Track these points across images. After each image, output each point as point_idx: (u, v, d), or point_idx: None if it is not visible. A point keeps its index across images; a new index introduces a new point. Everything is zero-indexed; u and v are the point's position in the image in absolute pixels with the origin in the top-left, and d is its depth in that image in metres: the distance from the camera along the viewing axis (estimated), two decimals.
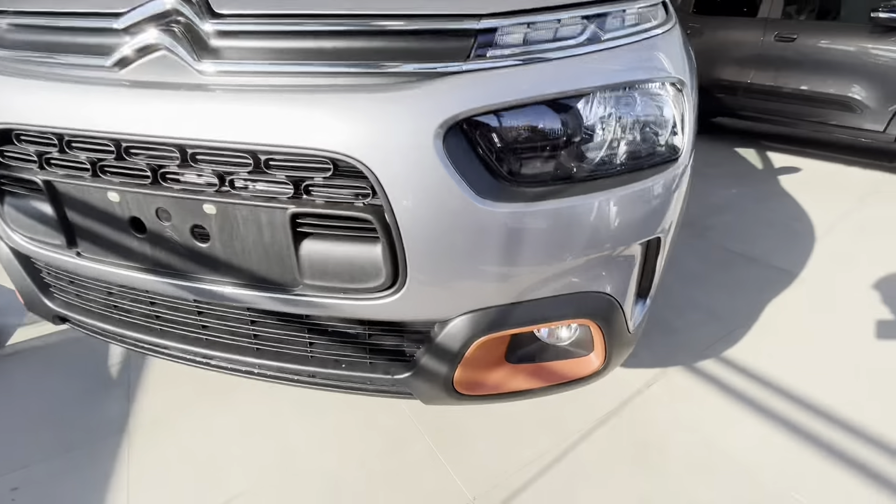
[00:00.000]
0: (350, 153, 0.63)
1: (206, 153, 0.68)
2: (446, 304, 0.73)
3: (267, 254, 0.73)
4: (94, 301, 0.95)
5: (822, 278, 2.01)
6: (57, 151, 0.76)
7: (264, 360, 0.86)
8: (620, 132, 0.74)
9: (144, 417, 1.26)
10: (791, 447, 1.18)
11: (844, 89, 3.72)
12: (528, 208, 0.68)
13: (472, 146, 0.67)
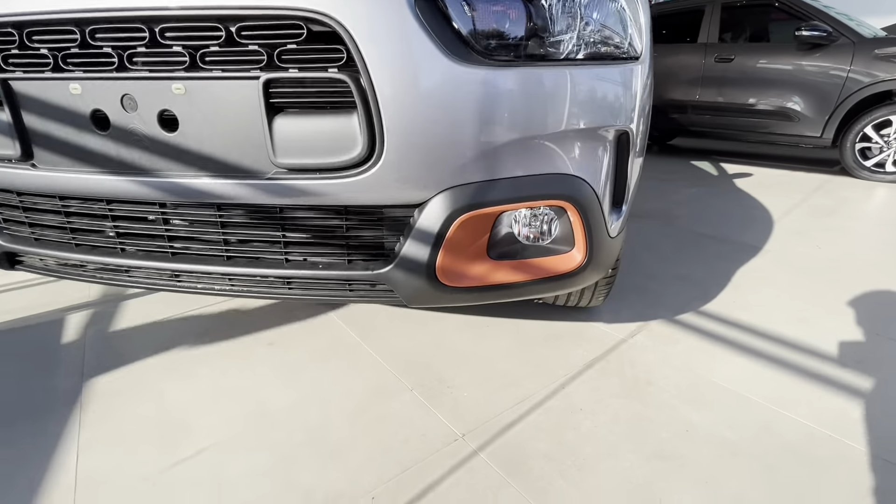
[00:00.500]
0: (327, 11, 0.64)
1: (176, 27, 0.68)
2: (424, 178, 0.72)
3: (239, 134, 0.71)
4: (48, 226, 0.89)
5: (781, 247, 2.11)
6: (16, 47, 0.74)
7: (237, 269, 0.81)
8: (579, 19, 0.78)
9: (99, 391, 1.15)
10: (772, 375, 1.19)
11: (782, 101, 4.06)
12: (500, 71, 0.69)
13: (443, 13, 0.69)
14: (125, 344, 1.36)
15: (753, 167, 4.32)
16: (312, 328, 1.42)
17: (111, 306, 1.59)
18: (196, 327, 1.44)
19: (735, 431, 0.99)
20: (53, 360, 1.29)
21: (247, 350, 1.31)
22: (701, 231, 2.36)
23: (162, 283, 0.86)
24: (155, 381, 1.19)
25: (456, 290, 0.80)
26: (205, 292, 0.86)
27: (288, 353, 1.29)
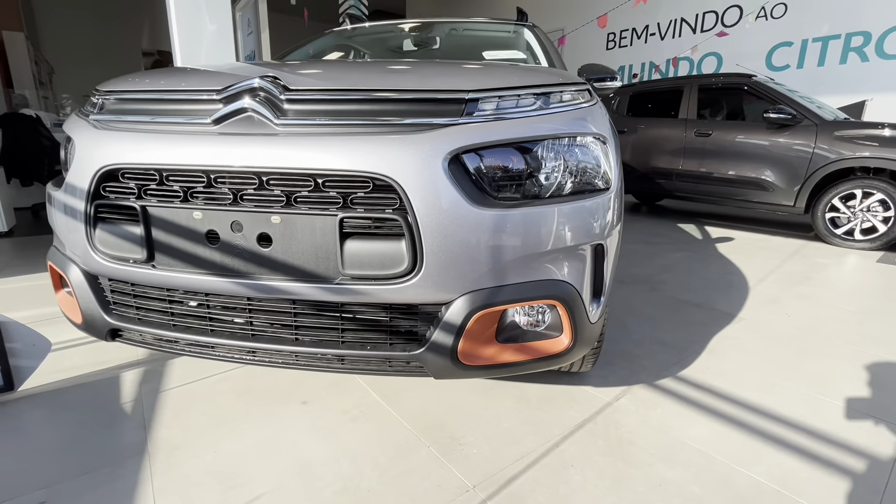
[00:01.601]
0: (387, 174, 0.92)
1: (278, 178, 0.96)
2: (451, 285, 0.98)
3: (317, 252, 0.97)
4: (153, 310, 1.13)
5: (756, 316, 2.35)
6: (156, 184, 1.02)
7: (302, 348, 1.05)
8: (564, 167, 1.07)
9: (163, 443, 1.35)
10: (737, 437, 1.39)
11: (757, 173, 4.46)
12: (506, 211, 0.97)
13: (466, 171, 0.98)
14: (177, 400, 1.57)
15: (735, 230, 4.64)
16: (340, 389, 1.63)
17: (159, 365, 1.80)
18: (236, 387, 1.65)
19: (700, 486, 1.20)
20: (118, 414, 1.49)
21: (284, 408, 1.52)
22: (683, 298, 2.62)
23: (240, 357, 1.10)
24: (208, 434, 1.38)
25: (473, 367, 1.04)
26: (274, 365, 1.09)
27: (321, 411, 1.50)
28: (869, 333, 2.16)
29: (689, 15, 7.17)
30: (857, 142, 3.84)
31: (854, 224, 3.92)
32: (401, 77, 1.10)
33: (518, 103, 1.06)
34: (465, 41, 2.54)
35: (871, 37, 5.64)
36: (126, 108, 1.13)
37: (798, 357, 1.91)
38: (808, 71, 6.14)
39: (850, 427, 1.44)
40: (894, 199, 3.67)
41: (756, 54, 6.54)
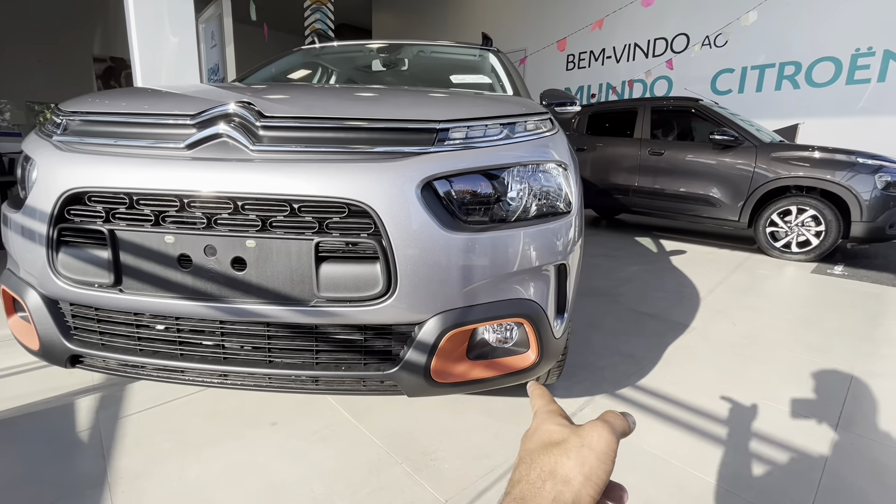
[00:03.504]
0: (362, 199, 0.96)
1: (254, 204, 0.98)
2: (424, 306, 1.02)
3: (292, 275, 0.99)
4: (117, 335, 1.11)
5: (706, 325, 2.52)
6: (125, 208, 1.01)
7: (276, 371, 1.06)
8: (529, 192, 1.14)
9: (124, 472, 1.30)
10: (690, 441, 1.50)
11: (705, 190, 4.76)
12: (476, 235, 1.03)
13: (438, 196, 1.03)
14: (138, 426, 1.51)
15: (687, 244, 4.92)
16: (309, 409, 1.62)
17: (117, 390, 1.73)
18: (201, 410, 1.61)
19: (657, 489, 1.28)
20: (74, 443, 1.42)
21: (252, 430, 1.50)
22: (641, 310, 2.76)
23: (212, 382, 1.09)
24: (173, 461, 1.35)
25: (445, 385, 1.08)
26: (246, 389, 1.09)
27: (291, 432, 1.49)
28: (804, 340, 2.35)
29: (642, 41, 7.63)
30: (792, 162, 4.20)
31: (791, 238, 4.26)
32: (375, 106, 1.15)
33: (486, 132, 1.13)
34: (433, 63, 2.61)
35: (801, 66, 6.19)
36: (93, 130, 1.12)
37: (743, 364, 2.06)
38: (748, 96, 6.65)
39: (789, 428, 1.58)
40: (824, 216, 4.02)
41: (702, 79, 7.02)
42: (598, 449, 0.35)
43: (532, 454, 0.36)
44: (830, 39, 5.93)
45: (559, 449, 0.35)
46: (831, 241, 4.02)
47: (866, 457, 1.44)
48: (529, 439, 0.39)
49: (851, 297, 3.13)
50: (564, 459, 0.34)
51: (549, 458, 0.35)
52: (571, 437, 0.36)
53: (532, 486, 0.33)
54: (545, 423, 0.40)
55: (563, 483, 0.33)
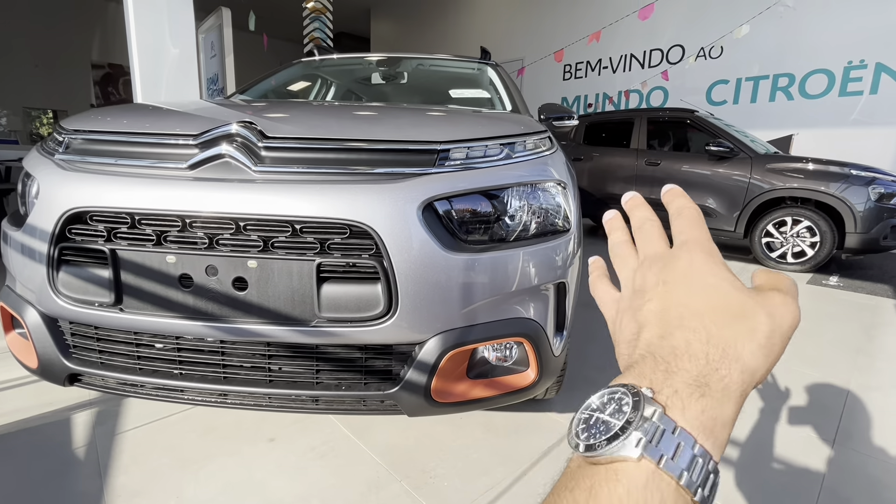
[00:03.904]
0: (363, 221, 0.96)
1: (256, 224, 0.98)
2: (424, 326, 1.03)
3: (294, 295, 1.00)
4: (117, 354, 1.10)
5: None
6: (127, 227, 1.02)
7: (276, 390, 1.05)
8: (529, 211, 1.15)
9: (121, 490, 1.29)
10: None
11: (701, 200, 4.79)
12: (476, 255, 1.04)
13: (438, 217, 1.04)
14: (134, 443, 1.50)
15: None
16: (307, 425, 1.61)
17: (114, 405, 1.72)
18: (198, 426, 1.60)
19: None
20: (70, 460, 1.41)
21: (250, 446, 1.49)
22: None
23: (211, 400, 1.09)
24: (170, 478, 1.34)
25: (445, 404, 1.08)
26: (246, 408, 1.09)
27: (289, 448, 1.48)
28: (801, 353, 2.37)
29: (638, 52, 7.71)
30: (786, 174, 4.24)
31: (786, 248, 4.29)
32: (376, 126, 1.16)
33: (486, 153, 1.14)
34: (432, 77, 2.64)
35: (794, 78, 6.27)
36: (95, 149, 1.12)
37: None
38: (743, 107, 6.72)
39: (786, 444, 1.58)
40: (819, 226, 4.05)
41: (698, 90, 7.10)
42: (786, 331, 0.26)
43: (704, 319, 0.26)
44: (823, 52, 6.01)
45: (745, 325, 0.26)
46: (826, 252, 4.05)
47: (864, 473, 1.45)
48: (689, 291, 0.28)
49: (847, 309, 3.15)
50: (750, 343, 0.25)
51: (730, 333, 0.26)
52: (759, 311, 0.26)
53: (709, 366, 0.24)
54: (714, 270, 0.29)
55: (748, 374, 0.25)
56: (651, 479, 0.21)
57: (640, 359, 0.27)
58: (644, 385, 0.25)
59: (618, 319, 0.32)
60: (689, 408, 0.23)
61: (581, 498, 0.21)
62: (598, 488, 0.21)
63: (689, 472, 0.21)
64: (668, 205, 0.35)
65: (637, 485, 0.21)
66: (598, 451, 0.23)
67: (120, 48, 3.19)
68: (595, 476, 0.22)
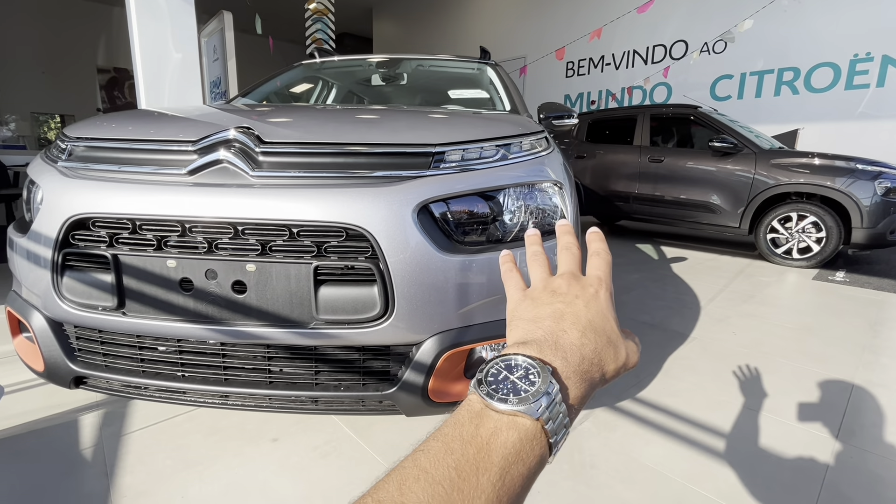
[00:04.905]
0: (359, 224, 0.98)
1: (254, 228, 1.00)
2: (421, 327, 1.04)
3: (292, 298, 1.01)
4: (121, 357, 1.13)
5: (706, 335, 2.52)
6: (128, 233, 1.04)
7: (276, 391, 1.07)
8: (525, 212, 1.16)
9: (127, 490, 1.31)
10: (689, 455, 1.50)
11: (705, 196, 4.77)
12: (472, 257, 1.05)
13: (434, 219, 1.05)
14: (140, 443, 1.53)
15: (688, 250, 4.92)
16: (310, 425, 1.63)
17: (120, 407, 1.75)
18: (203, 426, 1.62)
19: None
20: (77, 461, 1.43)
21: (253, 447, 1.51)
22: (641, 319, 2.77)
23: (213, 402, 1.11)
24: (175, 478, 1.36)
25: (443, 404, 1.09)
26: (247, 409, 1.10)
27: (292, 448, 1.50)
28: (806, 350, 2.35)
29: (641, 48, 7.67)
30: (792, 169, 4.20)
31: (792, 244, 4.25)
32: (372, 129, 1.17)
33: (482, 154, 1.15)
34: (432, 77, 2.65)
35: (800, 72, 6.21)
36: (97, 157, 1.14)
37: (742, 374, 2.06)
38: (747, 102, 6.67)
39: (789, 441, 1.58)
40: (825, 222, 4.02)
41: (701, 85, 7.05)
42: (629, 367, 0.38)
43: (596, 334, 0.36)
44: (829, 45, 5.95)
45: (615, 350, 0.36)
46: (832, 248, 4.01)
47: (865, 470, 1.44)
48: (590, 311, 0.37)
49: (853, 305, 3.13)
50: (613, 363, 0.36)
51: (606, 351, 0.36)
52: (623, 346, 0.37)
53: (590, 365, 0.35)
54: (609, 307, 0.39)
55: (604, 379, 0.36)
56: (537, 434, 0.29)
57: (541, 339, 0.34)
58: (549, 364, 0.32)
59: (523, 303, 0.39)
60: (573, 389, 0.32)
61: (486, 433, 0.28)
62: (501, 430, 0.28)
63: (557, 434, 0.30)
64: (590, 244, 0.44)
65: (528, 434, 0.28)
66: (508, 405, 0.29)
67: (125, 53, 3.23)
68: (500, 421, 0.28)
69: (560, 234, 0.45)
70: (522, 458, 0.28)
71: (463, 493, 0.25)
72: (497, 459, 0.27)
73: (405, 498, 0.25)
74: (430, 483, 0.25)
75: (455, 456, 0.27)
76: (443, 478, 0.25)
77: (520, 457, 0.28)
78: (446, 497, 0.25)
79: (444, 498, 0.25)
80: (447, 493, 0.25)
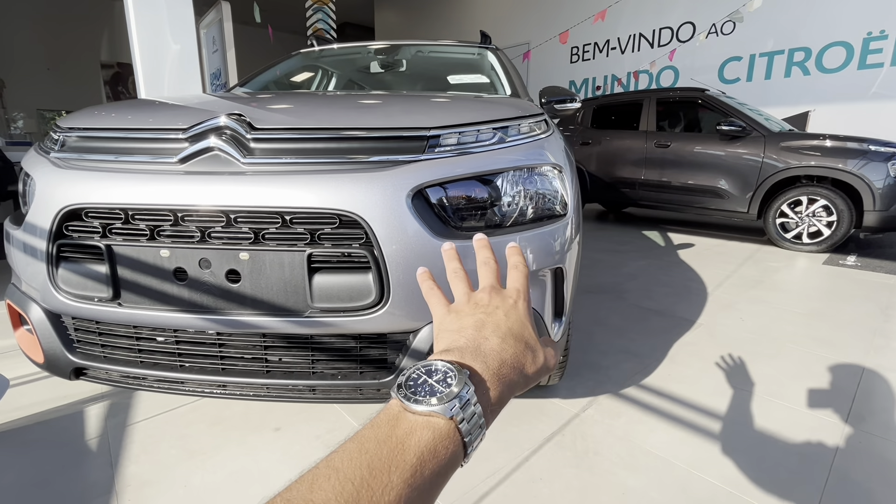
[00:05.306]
0: (353, 210, 0.96)
1: (246, 216, 0.98)
2: (418, 314, 1.02)
3: (286, 286, 1.00)
4: (119, 348, 1.13)
5: (713, 321, 2.49)
6: (121, 223, 1.03)
7: (273, 380, 1.06)
8: (523, 196, 1.13)
9: (131, 480, 1.33)
10: (694, 442, 1.48)
11: (713, 181, 4.69)
12: (467, 242, 1.02)
13: (429, 204, 1.03)
14: (145, 433, 1.54)
15: (695, 236, 4.86)
16: (313, 415, 1.63)
17: (125, 398, 1.76)
18: (206, 416, 1.63)
19: (660, 492, 1.27)
20: (83, 451, 1.45)
21: (256, 436, 1.51)
22: (646, 306, 2.74)
23: (210, 391, 1.11)
24: (179, 468, 1.37)
25: None
26: (245, 398, 1.10)
27: (294, 437, 1.50)
28: (815, 335, 2.31)
29: (647, 30, 7.51)
30: (802, 152, 4.11)
31: (802, 228, 4.18)
32: (365, 114, 1.15)
33: (478, 137, 1.12)
34: (432, 63, 2.60)
35: (811, 52, 6.05)
36: (88, 147, 1.13)
37: (750, 360, 2.03)
38: (757, 84, 6.52)
39: (796, 427, 1.55)
40: (836, 205, 3.93)
41: (709, 68, 6.90)
42: (547, 370, 0.40)
43: (514, 341, 0.39)
44: (841, 23, 5.78)
45: (532, 354, 0.39)
46: (843, 232, 3.94)
47: (875, 455, 1.41)
48: (509, 320, 0.40)
49: (864, 289, 3.07)
50: (532, 365, 0.39)
51: (524, 355, 0.39)
52: (541, 350, 0.40)
53: (508, 368, 0.37)
54: (527, 315, 0.42)
55: (523, 381, 0.38)
56: (450, 433, 0.30)
57: (463, 346, 0.36)
58: (468, 367, 0.34)
59: (448, 317, 0.41)
60: (492, 391, 0.34)
61: (401, 433, 0.29)
62: (416, 430, 0.29)
63: (471, 434, 0.31)
64: (509, 258, 0.47)
65: (441, 434, 0.30)
66: (424, 406, 0.30)
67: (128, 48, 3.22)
68: (415, 421, 0.30)
69: (478, 249, 0.48)
70: (436, 457, 0.29)
71: (372, 489, 0.26)
72: (410, 458, 0.28)
73: (314, 496, 0.25)
74: (340, 481, 0.26)
75: (369, 455, 0.27)
76: (354, 476, 0.26)
77: (434, 455, 0.29)
78: (355, 494, 0.25)
79: (352, 495, 0.25)
80: (356, 490, 0.25)
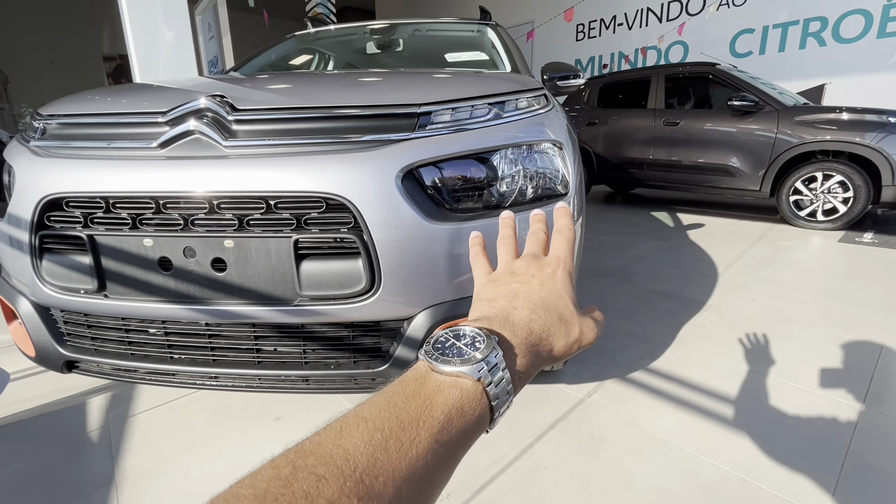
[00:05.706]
0: (339, 193, 0.91)
1: (230, 202, 0.94)
2: (412, 300, 0.98)
3: (273, 274, 0.96)
4: (108, 340, 1.10)
5: (723, 303, 2.42)
6: (102, 212, 0.99)
7: (265, 371, 1.03)
8: (521, 175, 1.08)
9: (131, 471, 1.32)
10: (703, 426, 1.44)
11: (724, 159, 4.56)
12: (463, 225, 0.97)
13: (421, 185, 0.97)
14: (145, 425, 1.53)
15: (705, 216, 4.75)
16: (314, 404, 1.61)
17: (126, 389, 1.76)
18: (206, 407, 1.62)
19: (667, 479, 1.23)
20: (85, 443, 1.45)
21: (257, 426, 1.50)
22: (654, 288, 2.67)
23: (202, 383, 1.08)
24: (178, 459, 1.36)
25: None
26: (238, 390, 1.07)
27: (295, 427, 1.49)
28: (830, 315, 2.24)
29: (655, 4, 7.27)
30: (817, 126, 3.96)
31: (816, 206, 4.06)
32: (352, 92, 1.09)
33: (472, 114, 1.06)
34: (429, 42, 2.52)
35: (827, 22, 5.81)
36: (68, 133, 1.09)
37: (762, 342, 1.97)
38: (770, 57, 6.29)
39: (810, 410, 1.50)
40: (853, 181, 3.80)
41: (720, 42, 6.67)
42: (584, 344, 0.40)
43: (546, 312, 0.38)
44: None
45: (565, 327, 0.39)
46: (860, 208, 3.81)
47: (894, 438, 1.36)
48: (545, 290, 0.39)
49: (882, 267, 2.97)
50: (564, 338, 0.38)
51: (556, 327, 0.38)
52: (577, 323, 0.39)
53: (536, 339, 0.37)
54: (565, 286, 0.41)
55: (552, 355, 0.38)
56: (478, 394, 0.30)
57: (494, 315, 0.36)
58: (496, 333, 0.34)
59: (486, 286, 0.41)
60: (520, 359, 0.34)
61: (429, 390, 0.29)
62: (444, 389, 0.29)
63: (499, 399, 0.31)
64: (556, 220, 0.46)
65: (469, 394, 0.29)
66: (452, 366, 0.30)
67: None
68: (442, 381, 0.30)
69: (532, 223, 0.47)
70: (464, 416, 0.29)
71: (400, 440, 0.26)
72: (438, 414, 0.28)
73: (343, 441, 0.25)
74: (369, 430, 0.26)
75: (397, 409, 0.27)
76: (383, 426, 0.26)
77: (461, 414, 0.29)
78: (384, 443, 0.25)
79: (381, 443, 0.25)
80: (385, 440, 0.25)
